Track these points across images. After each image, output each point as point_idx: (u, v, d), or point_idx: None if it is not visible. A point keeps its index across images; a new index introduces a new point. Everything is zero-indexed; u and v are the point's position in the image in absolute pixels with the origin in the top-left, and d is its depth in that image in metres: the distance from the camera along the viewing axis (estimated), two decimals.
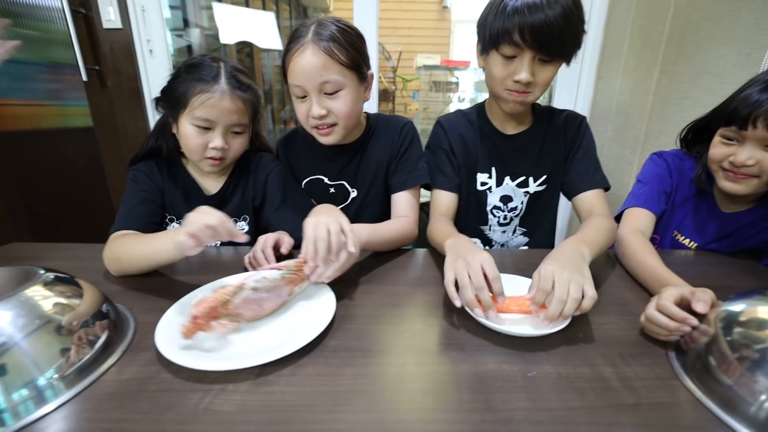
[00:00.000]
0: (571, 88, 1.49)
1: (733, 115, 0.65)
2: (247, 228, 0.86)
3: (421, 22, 3.99)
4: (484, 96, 0.97)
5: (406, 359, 0.46)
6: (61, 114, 1.58)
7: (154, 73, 1.45)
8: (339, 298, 0.57)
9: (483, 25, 0.73)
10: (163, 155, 0.82)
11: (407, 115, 4.03)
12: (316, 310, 0.53)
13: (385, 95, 3.96)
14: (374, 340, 0.49)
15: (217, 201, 0.83)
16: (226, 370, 0.42)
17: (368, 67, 0.78)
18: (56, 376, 0.42)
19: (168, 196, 0.82)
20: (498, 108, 0.83)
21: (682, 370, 0.44)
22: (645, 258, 0.65)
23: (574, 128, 0.85)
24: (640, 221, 0.76)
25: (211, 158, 0.76)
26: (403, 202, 0.82)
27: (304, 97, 0.73)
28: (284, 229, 0.76)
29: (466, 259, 0.53)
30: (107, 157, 1.53)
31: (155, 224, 0.78)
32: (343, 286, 0.62)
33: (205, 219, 0.53)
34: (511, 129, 0.86)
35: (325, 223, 0.56)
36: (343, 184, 0.88)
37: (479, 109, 0.88)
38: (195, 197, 0.83)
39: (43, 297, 0.46)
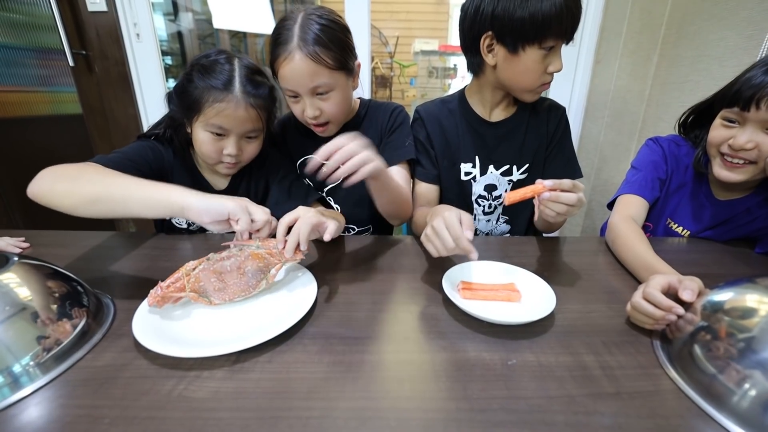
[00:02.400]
0: (568, 72, 1.46)
1: (736, 95, 0.63)
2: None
3: (419, 6, 3.89)
4: None
5: (385, 347, 0.45)
6: (50, 101, 1.56)
7: (142, 57, 1.42)
8: (321, 284, 0.56)
9: (502, 17, 0.67)
10: (174, 146, 0.79)
11: (404, 101, 3.97)
12: (297, 297, 0.53)
13: (382, 81, 3.90)
14: (354, 327, 0.49)
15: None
16: (203, 357, 0.42)
17: (355, 57, 0.77)
18: (32, 362, 0.41)
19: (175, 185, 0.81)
20: (481, 95, 0.83)
21: (666, 359, 0.43)
22: (635, 245, 0.64)
23: (557, 119, 0.86)
24: (632, 208, 0.75)
25: (226, 163, 0.75)
26: (396, 176, 0.78)
27: (297, 97, 0.74)
28: (282, 211, 0.78)
29: (443, 215, 0.54)
30: (97, 144, 1.50)
31: None
32: (325, 272, 0.61)
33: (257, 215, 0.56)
34: (495, 116, 0.84)
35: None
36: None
37: (460, 97, 0.86)
38: (203, 191, 0.82)
39: (17, 284, 0.45)
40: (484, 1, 0.69)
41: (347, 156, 0.55)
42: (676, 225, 0.81)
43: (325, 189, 0.89)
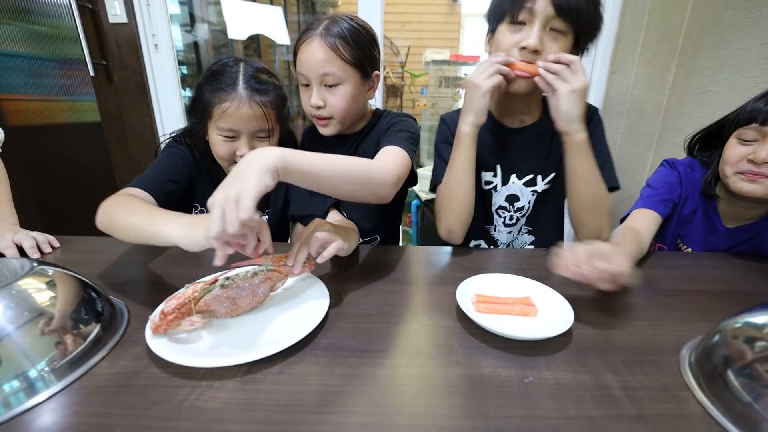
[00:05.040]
0: None
1: (753, 113, 0.64)
2: (266, 218, 0.88)
3: (431, 17, 3.93)
4: None
5: (399, 360, 0.44)
6: (70, 109, 1.60)
7: (160, 68, 1.46)
8: (333, 295, 0.55)
9: (491, 6, 0.72)
10: (196, 152, 0.82)
11: (415, 110, 3.99)
12: (309, 308, 0.52)
13: (393, 90, 3.93)
14: (367, 339, 0.48)
15: None
16: (215, 366, 0.42)
17: (375, 67, 0.80)
18: (47, 368, 0.42)
19: (200, 188, 0.84)
20: (501, 99, 0.80)
21: (694, 381, 0.42)
22: (622, 245, 0.64)
23: (587, 120, 0.78)
24: (640, 219, 0.75)
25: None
26: (382, 153, 0.70)
27: (308, 85, 0.76)
28: (306, 207, 0.81)
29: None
30: (114, 152, 1.54)
31: (170, 205, 0.74)
32: (337, 283, 0.61)
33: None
34: (516, 122, 0.82)
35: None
36: None
37: None
38: None
39: (36, 290, 0.46)
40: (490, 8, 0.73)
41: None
42: (686, 247, 0.80)
43: None
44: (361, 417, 0.36)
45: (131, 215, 0.60)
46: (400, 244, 2.12)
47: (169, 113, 1.51)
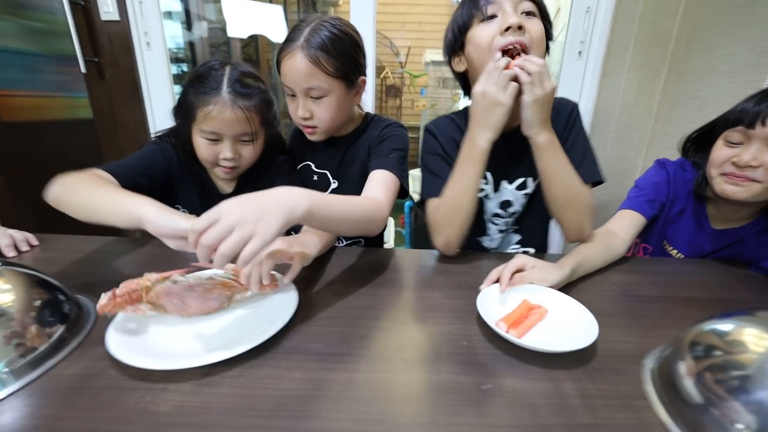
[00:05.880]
0: (575, 85, 1.44)
1: (740, 115, 0.64)
2: None
3: (431, 17, 3.93)
4: None
5: (358, 365, 0.44)
6: (63, 106, 1.61)
7: (152, 65, 1.46)
8: (303, 297, 0.55)
9: (453, 22, 0.72)
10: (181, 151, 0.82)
11: (414, 111, 3.99)
12: (276, 309, 0.52)
13: (392, 91, 3.93)
14: (331, 343, 0.48)
15: None
16: (171, 369, 0.41)
17: (361, 73, 0.79)
18: (5, 369, 0.41)
19: (184, 189, 0.83)
20: None
21: (653, 390, 0.41)
22: (584, 246, 0.68)
23: (566, 116, 0.79)
24: (620, 221, 0.76)
25: (224, 167, 0.77)
26: (373, 183, 0.73)
27: (294, 95, 0.76)
28: None
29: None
30: (107, 149, 1.54)
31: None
32: (308, 284, 0.60)
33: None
34: (505, 128, 0.82)
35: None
36: (326, 174, 0.89)
37: (466, 114, 0.85)
38: (210, 195, 0.84)
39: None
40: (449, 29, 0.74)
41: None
42: (671, 248, 0.80)
43: None
44: (312, 423, 0.36)
45: (100, 190, 0.59)
46: (392, 245, 2.11)
47: (162, 111, 1.50)
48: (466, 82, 0.79)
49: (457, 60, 0.75)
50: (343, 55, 0.73)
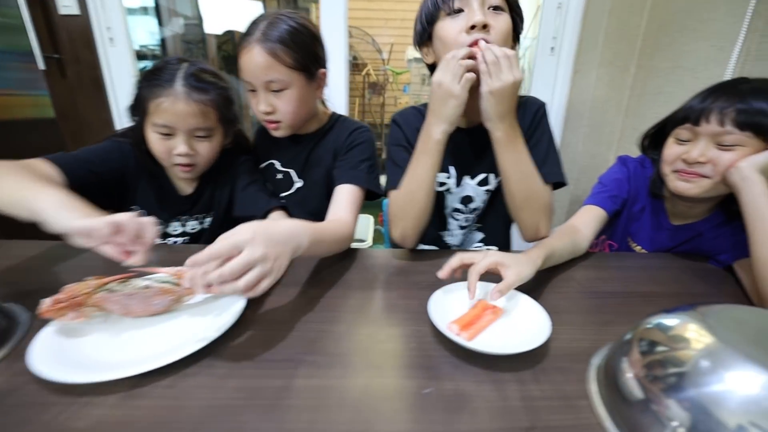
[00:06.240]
0: (548, 81, 1.44)
1: (687, 112, 0.65)
2: (208, 223, 0.86)
3: (414, 14, 3.90)
4: None
5: (297, 371, 0.42)
6: (25, 104, 1.54)
7: (116, 62, 1.41)
8: (253, 299, 0.53)
9: (420, 12, 0.70)
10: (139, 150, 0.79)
11: (397, 108, 3.95)
12: (219, 312, 0.50)
13: (375, 88, 3.90)
14: (274, 348, 0.46)
15: (191, 202, 0.83)
16: (94, 382, 0.39)
17: (321, 65, 0.78)
18: None
19: (141, 190, 0.81)
20: None
21: (596, 390, 0.41)
22: (549, 240, 0.66)
23: (531, 115, 0.78)
24: (583, 217, 0.75)
25: (180, 165, 0.74)
26: (340, 201, 0.76)
27: (254, 90, 0.74)
28: (247, 208, 0.78)
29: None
30: (71, 150, 1.48)
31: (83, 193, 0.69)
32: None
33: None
34: (467, 122, 0.80)
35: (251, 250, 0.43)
36: (291, 173, 0.87)
37: None
38: (169, 196, 0.82)
39: None
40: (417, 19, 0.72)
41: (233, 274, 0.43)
42: (635, 244, 0.80)
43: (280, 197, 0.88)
44: None
45: (9, 180, 0.57)
46: (371, 243, 2.09)
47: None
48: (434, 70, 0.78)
49: (426, 51, 0.74)
50: (301, 47, 0.72)
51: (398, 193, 0.73)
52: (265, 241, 0.44)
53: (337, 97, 1.47)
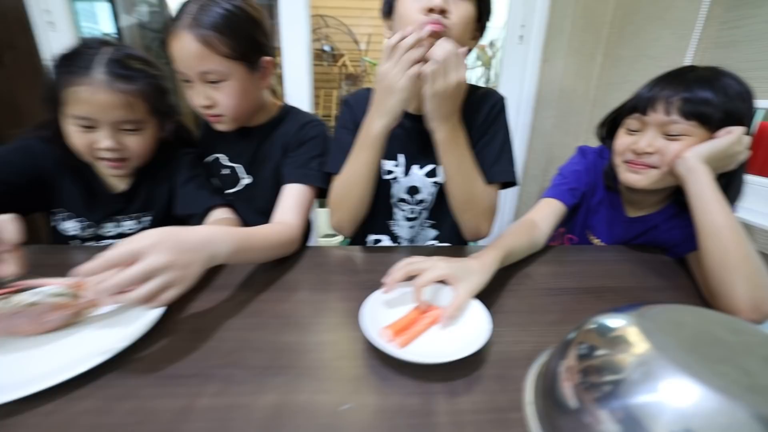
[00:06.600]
0: (517, 70, 1.41)
1: (636, 101, 0.63)
2: (147, 223, 0.78)
3: None
4: None
5: (205, 388, 0.38)
6: None
7: (59, 48, 1.30)
8: (175, 305, 0.48)
9: None
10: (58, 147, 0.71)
11: None
12: (130, 322, 0.45)
13: (352, 79, 3.83)
14: (183, 362, 0.41)
15: (125, 200, 0.76)
16: None
17: (263, 53, 0.71)
18: None
19: (66, 189, 0.73)
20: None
21: (532, 400, 0.37)
22: (504, 239, 0.61)
23: (488, 109, 0.74)
24: (542, 211, 0.72)
25: (107, 160, 0.67)
26: (287, 202, 0.71)
27: (189, 82, 0.68)
28: (187, 206, 0.74)
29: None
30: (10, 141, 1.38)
31: None
32: (191, 292, 0.53)
33: None
34: (420, 108, 0.76)
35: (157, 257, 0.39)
36: (237, 168, 0.81)
37: None
38: (99, 194, 0.75)
39: None
40: None
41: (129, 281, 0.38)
42: (594, 237, 0.78)
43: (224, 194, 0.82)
44: None
45: None
46: (341, 238, 2.04)
47: None
48: None
49: (389, 24, 0.69)
50: (238, 33, 0.65)
51: (337, 182, 0.70)
52: (171, 247, 0.40)
53: (300, 89, 1.41)
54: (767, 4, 0.77)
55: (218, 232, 0.48)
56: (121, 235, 0.78)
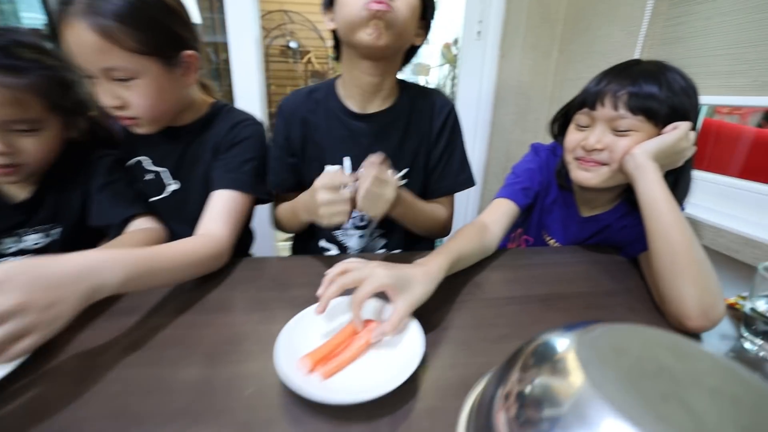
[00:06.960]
0: (476, 67, 1.38)
1: (584, 96, 0.61)
2: (57, 235, 0.68)
3: None
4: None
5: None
6: None
7: None
8: (65, 335, 0.40)
9: None
10: None
11: None
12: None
13: (318, 76, 3.74)
14: (49, 416, 0.33)
15: (26, 211, 0.65)
16: None
17: (183, 47, 0.62)
18: None
19: None
20: (350, 80, 0.68)
21: None
22: (452, 243, 0.58)
23: (444, 115, 0.72)
24: (494, 213, 0.69)
25: None
26: (214, 210, 0.64)
27: (93, 78, 0.57)
28: (103, 215, 0.67)
29: None
30: None
31: None
32: (88, 313, 0.45)
33: None
34: (368, 108, 0.70)
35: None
36: (162, 173, 0.72)
37: (329, 85, 0.73)
38: None
39: None
40: None
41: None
42: (550, 238, 0.76)
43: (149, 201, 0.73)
44: None
45: None
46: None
47: None
48: (338, 42, 0.68)
49: (330, 16, 0.64)
50: (148, 24, 0.56)
51: (280, 208, 0.74)
52: (25, 285, 0.33)
53: (250, 88, 1.31)
54: (708, 1, 0.77)
55: (103, 258, 0.41)
56: (23, 252, 0.68)
